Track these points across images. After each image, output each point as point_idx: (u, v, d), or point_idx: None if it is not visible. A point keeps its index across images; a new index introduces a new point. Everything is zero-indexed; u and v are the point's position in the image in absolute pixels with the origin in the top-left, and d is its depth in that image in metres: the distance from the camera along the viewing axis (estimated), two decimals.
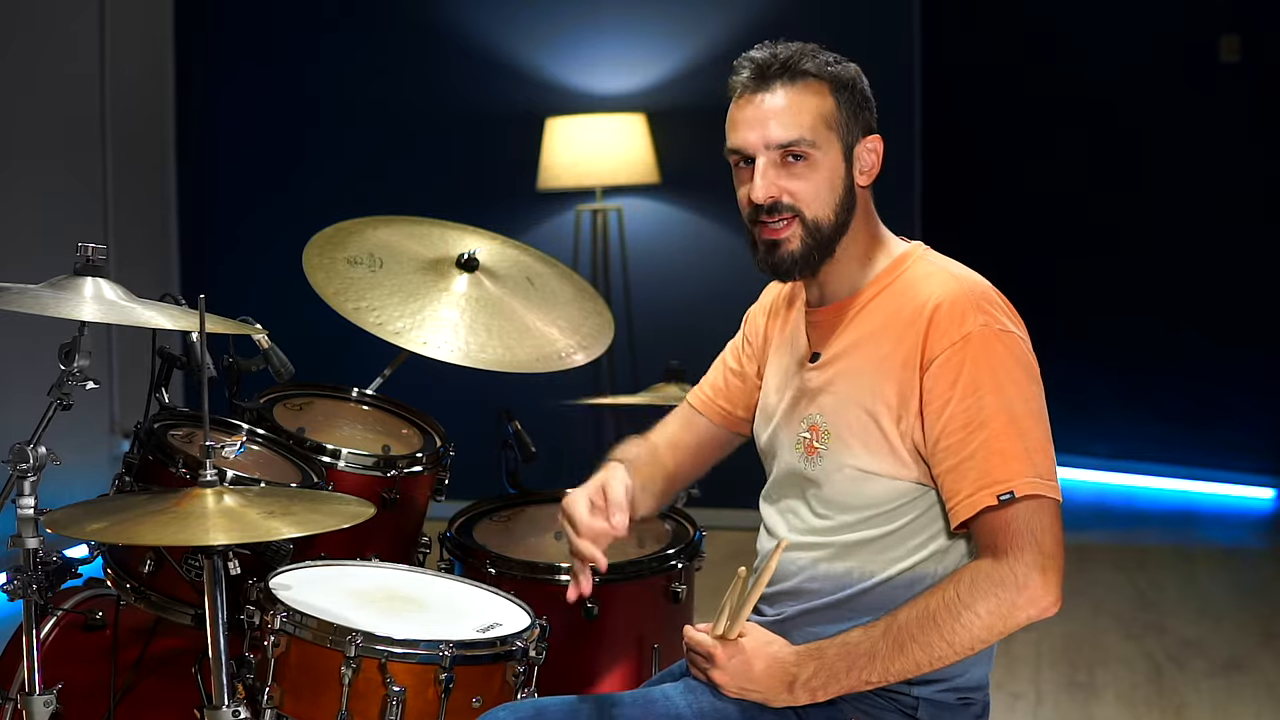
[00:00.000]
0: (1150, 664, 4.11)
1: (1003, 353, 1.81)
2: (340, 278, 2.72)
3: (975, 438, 1.78)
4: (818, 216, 1.89)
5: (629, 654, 2.46)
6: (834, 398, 1.91)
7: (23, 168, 5.01)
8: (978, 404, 1.79)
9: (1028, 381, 1.82)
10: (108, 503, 2.04)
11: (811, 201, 1.88)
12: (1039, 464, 1.78)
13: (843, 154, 1.90)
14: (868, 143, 1.92)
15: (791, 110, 1.87)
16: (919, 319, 1.84)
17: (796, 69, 1.88)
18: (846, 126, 1.90)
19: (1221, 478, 6.21)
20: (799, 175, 1.88)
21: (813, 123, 1.87)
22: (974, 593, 1.77)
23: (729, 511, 3.81)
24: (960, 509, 1.80)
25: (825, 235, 1.89)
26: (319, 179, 5.84)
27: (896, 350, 1.86)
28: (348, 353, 3.29)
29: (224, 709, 1.90)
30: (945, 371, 1.81)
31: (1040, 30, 6.45)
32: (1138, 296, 6.31)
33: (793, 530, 1.96)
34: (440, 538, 2.58)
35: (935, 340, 1.82)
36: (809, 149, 1.87)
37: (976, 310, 1.82)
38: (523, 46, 5.65)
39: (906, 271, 1.92)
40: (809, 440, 1.93)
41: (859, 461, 1.87)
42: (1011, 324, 1.85)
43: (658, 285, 5.57)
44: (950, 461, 1.80)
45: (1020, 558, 1.76)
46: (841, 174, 1.89)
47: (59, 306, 1.98)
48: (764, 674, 1.84)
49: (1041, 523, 1.77)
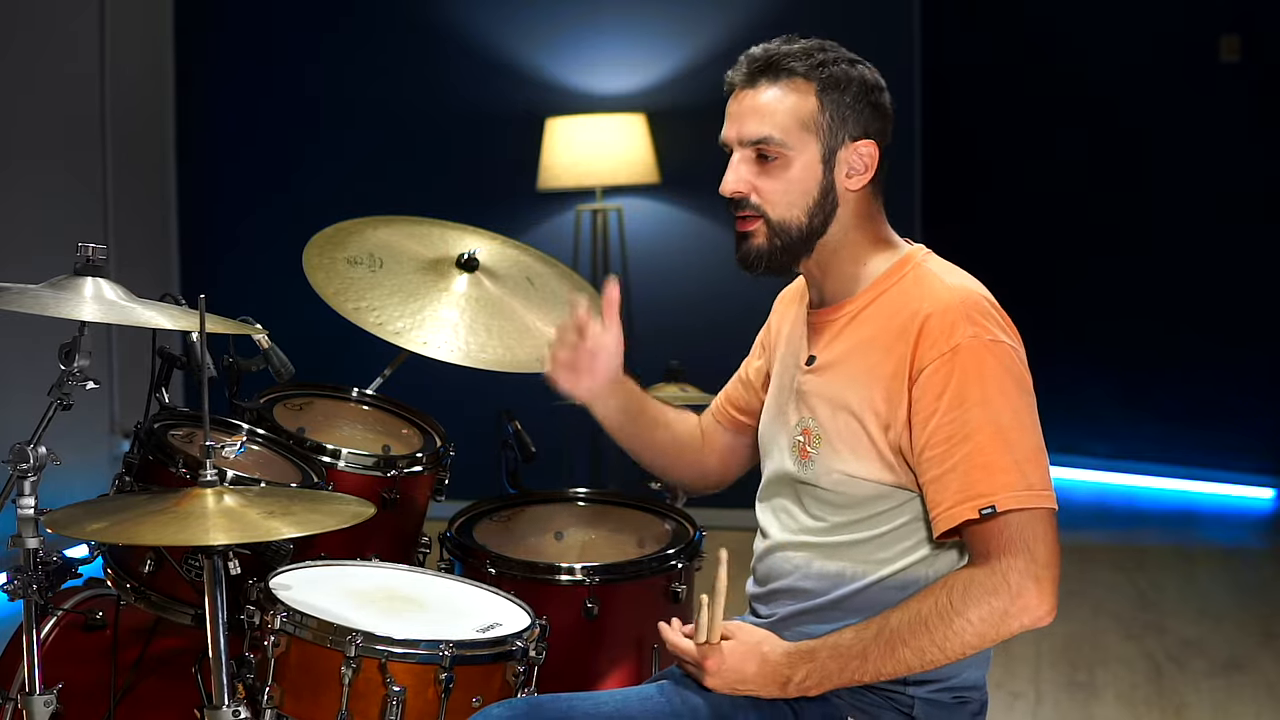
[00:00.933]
0: (1150, 664, 4.10)
1: (992, 364, 1.80)
2: (340, 278, 2.71)
3: (958, 450, 1.78)
4: (784, 218, 1.89)
5: (629, 654, 2.46)
6: (825, 403, 1.91)
7: (23, 168, 5.01)
8: (963, 416, 1.78)
9: (1018, 392, 1.81)
10: (108, 503, 2.03)
11: (778, 202, 1.88)
12: (1029, 475, 1.78)
13: (821, 156, 1.88)
14: (860, 146, 1.90)
15: (766, 109, 1.87)
16: (909, 329, 1.84)
17: (782, 67, 1.87)
18: (829, 129, 1.88)
19: (1221, 478, 6.20)
20: (768, 174, 1.88)
21: (786, 122, 1.87)
22: (966, 600, 1.77)
23: (729, 511, 3.80)
24: (941, 520, 1.80)
25: (793, 237, 1.89)
26: (319, 179, 5.84)
27: (886, 360, 1.86)
28: (348, 353, 3.29)
29: (224, 709, 1.90)
30: (933, 382, 1.80)
31: (1040, 30, 6.45)
32: (1138, 296, 6.31)
33: (785, 530, 1.97)
34: (440, 538, 2.58)
35: (924, 351, 1.82)
36: (779, 148, 1.87)
37: (967, 321, 1.82)
38: (523, 46, 5.65)
39: (903, 278, 1.91)
40: (802, 444, 1.93)
41: (847, 467, 1.88)
42: (1004, 334, 1.84)
43: (658, 285, 5.57)
44: (934, 472, 1.80)
45: (1014, 566, 1.76)
46: (818, 176, 1.88)
47: (59, 306, 1.98)
48: (757, 675, 1.85)
49: (1034, 532, 1.76)
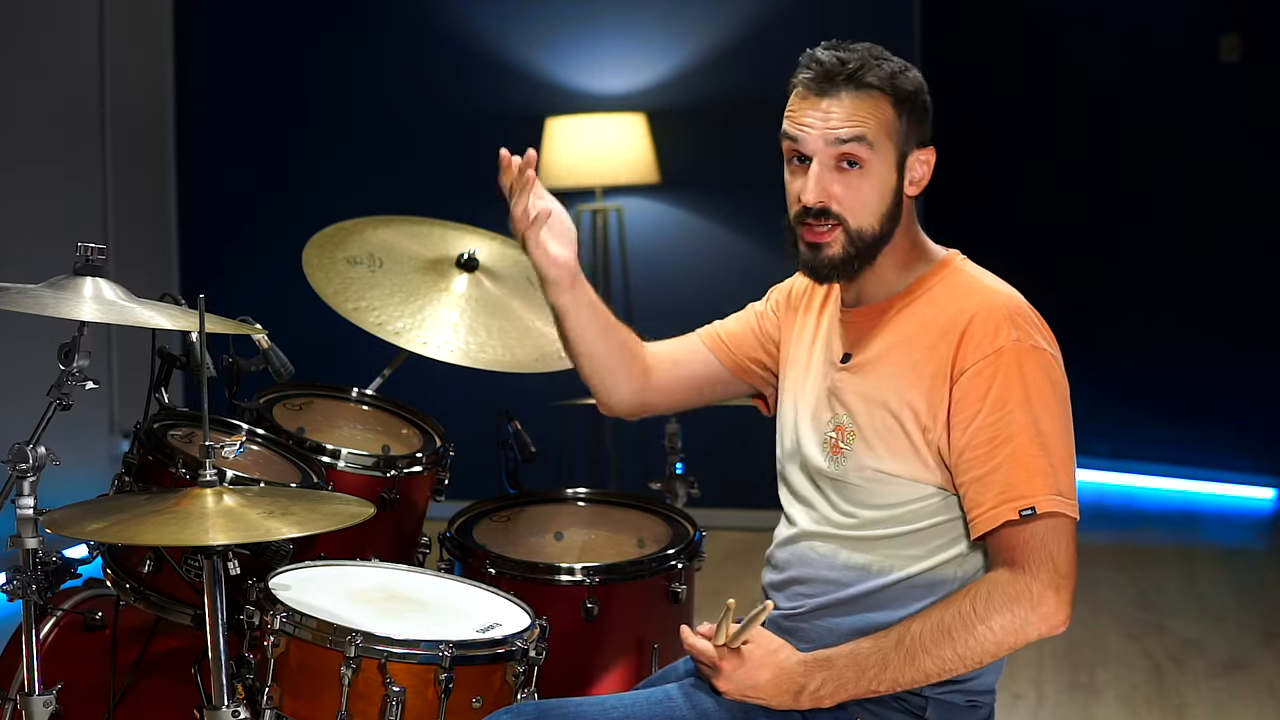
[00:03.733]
0: (1151, 664, 4.10)
1: (1033, 368, 1.82)
2: (340, 278, 2.72)
3: (1001, 451, 1.79)
4: (862, 226, 1.88)
5: (629, 654, 2.46)
6: (862, 400, 1.91)
7: (23, 168, 5.01)
8: (1005, 418, 1.80)
9: (1056, 399, 1.82)
10: (107, 503, 2.03)
11: (859, 211, 1.88)
12: (1061, 481, 1.79)
13: (895, 164, 1.89)
14: (921, 154, 1.92)
15: (854, 119, 1.86)
16: (953, 330, 1.85)
17: (862, 80, 1.87)
18: (903, 137, 1.89)
19: (1222, 478, 6.20)
20: (850, 184, 1.87)
21: (873, 132, 1.86)
22: (990, 608, 1.78)
23: (729, 511, 3.81)
24: (981, 521, 1.81)
25: (867, 244, 1.89)
26: (319, 179, 5.84)
27: (929, 359, 1.86)
28: (348, 353, 3.29)
29: (224, 709, 1.90)
30: (976, 384, 1.82)
31: (1040, 30, 6.45)
32: (1138, 296, 6.31)
33: (812, 520, 1.97)
34: (440, 538, 2.58)
35: (967, 352, 1.83)
36: (865, 157, 1.87)
37: (1010, 325, 1.83)
38: (523, 46, 5.65)
39: (943, 280, 1.92)
40: (835, 440, 1.93)
41: (882, 464, 1.88)
42: (1044, 340, 1.85)
43: (658, 285, 5.57)
44: (975, 473, 1.81)
45: (1037, 575, 1.77)
46: (892, 184, 1.89)
47: (59, 306, 1.98)
48: (770, 684, 1.85)
49: (1059, 541, 1.78)
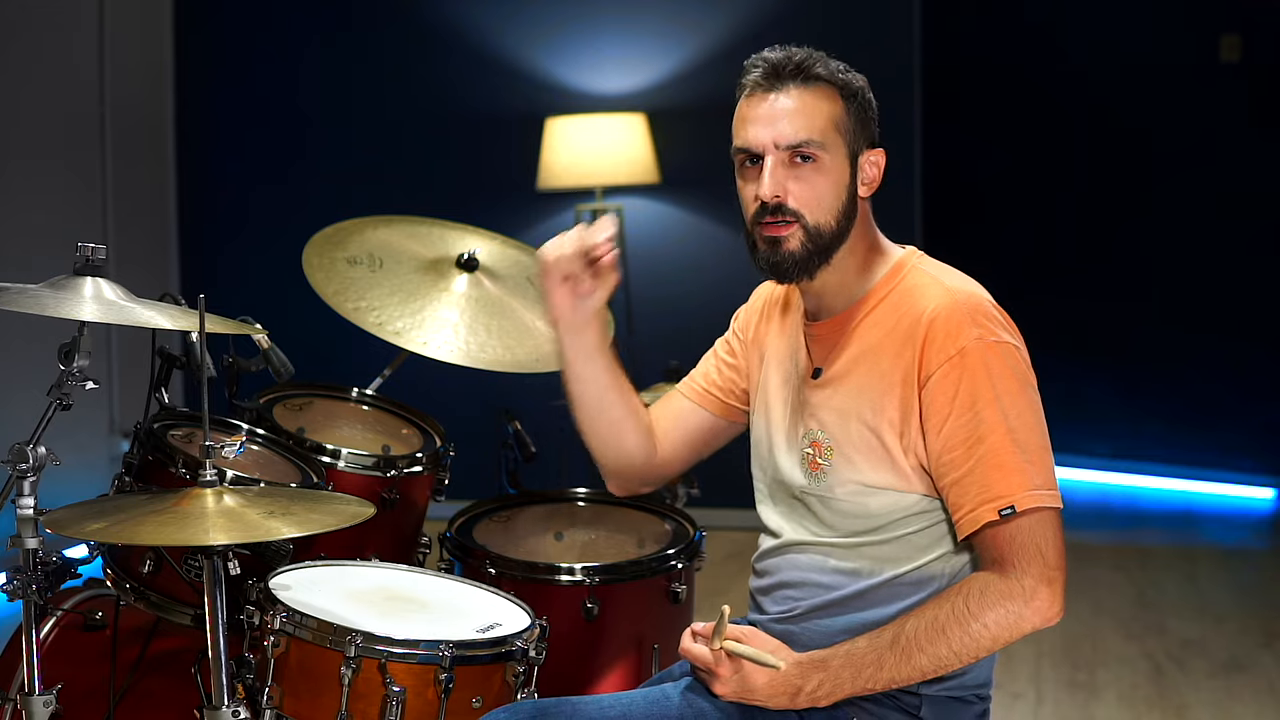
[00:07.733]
0: (1151, 664, 4.10)
1: (998, 365, 1.81)
2: (340, 278, 2.72)
3: (975, 452, 1.79)
4: (819, 222, 1.88)
5: (629, 654, 2.46)
6: (836, 414, 1.91)
7: (23, 168, 5.01)
8: (976, 418, 1.79)
9: (1023, 392, 1.82)
10: (107, 503, 2.03)
11: (815, 207, 1.87)
12: (1038, 474, 1.79)
13: (848, 159, 1.89)
14: (870, 155, 1.92)
15: (804, 111, 1.86)
16: (915, 334, 1.84)
17: (810, 72, 1.87)
18: (854, 134, 1.89)
19: (1222, 478, 6.21)
20: (805, 178, 1.87)
21: (824, 125, 1.87)
22: (983, 604, 1.78)
23: (729, 511, 3.81)
24: (964, 523, 1.82)
25: (825, 241, 1.89)
26: (319, 179, 5.84)
27: (895, 365, 1.86)
28: (348, 353, 3.29)
29: (224, 709, 1.90)
30: (943, 387, 1.81)
31: (1041, 30, 6.45)
32: (1138, 296, 6.31)
33: (799, 534, 1.97)
34: (440, 538, 2.58)
35: (931, 356, 1.83)
36: (818, 151, 1.86)
37: (971, 323, 1.82)
38: (523, 46, 5.65)
39: (902, 281, 1.92)
40: (812, 456, 1.93)
41: (863, 477, 1.88)
42: (1006, 334, 1.84)
43: (658, 285, 5.57)
44: (953, 476, 1.81)
45: (1028, 571, 1.78)
46: (846, 180, 1.89)
47: (59, 306, 1.97)
48: (766, 686, 1.85)
49: (1044, 534, 1.78)
